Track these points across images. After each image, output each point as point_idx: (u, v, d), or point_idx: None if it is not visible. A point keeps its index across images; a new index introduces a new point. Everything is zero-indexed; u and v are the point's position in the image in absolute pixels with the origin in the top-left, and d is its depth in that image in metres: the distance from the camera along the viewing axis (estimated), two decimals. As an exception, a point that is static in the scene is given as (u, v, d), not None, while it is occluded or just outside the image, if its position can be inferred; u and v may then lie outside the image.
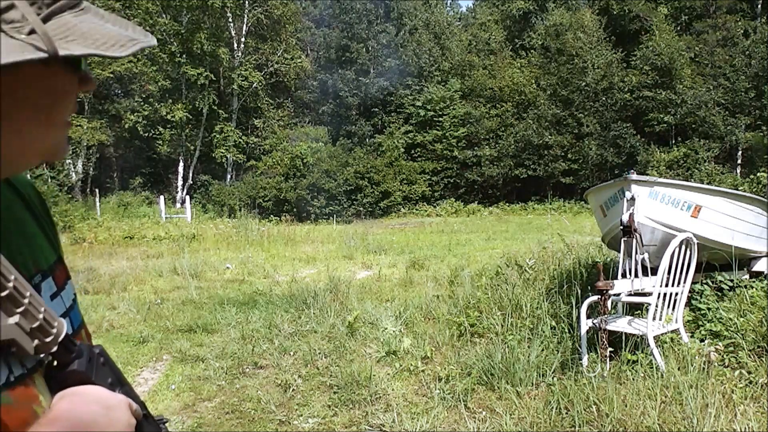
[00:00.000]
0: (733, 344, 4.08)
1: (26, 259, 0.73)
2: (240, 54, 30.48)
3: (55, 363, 0.67)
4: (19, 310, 0.58)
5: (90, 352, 0.70)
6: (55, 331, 0.64)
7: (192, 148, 29.82)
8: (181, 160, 29.59)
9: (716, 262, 5.03)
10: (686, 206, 4.42)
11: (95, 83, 0.73)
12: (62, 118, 0.68)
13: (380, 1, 33.03)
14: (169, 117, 27.79)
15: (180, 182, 29.41)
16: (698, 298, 4.70)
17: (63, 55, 0.57)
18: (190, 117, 29.09)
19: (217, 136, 29.27)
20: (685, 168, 24.87)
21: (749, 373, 3.77)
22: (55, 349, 0.65)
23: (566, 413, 3.53)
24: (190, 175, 29.86)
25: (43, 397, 0.66)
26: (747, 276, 5.14)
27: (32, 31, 0.57)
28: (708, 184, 16.11)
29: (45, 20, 0.58)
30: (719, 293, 4.75)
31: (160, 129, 28.48)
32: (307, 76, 33.28)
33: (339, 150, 27.98)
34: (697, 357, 3.85)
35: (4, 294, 0.56)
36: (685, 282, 4.15)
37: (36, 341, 0.62)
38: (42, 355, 0.65)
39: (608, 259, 6.42)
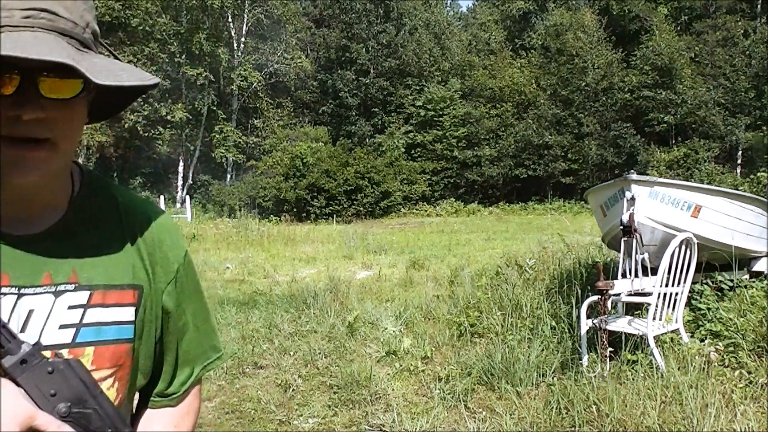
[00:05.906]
0: (733, 344, 4.07)
1: None
2: (240, 54, 30.47)
3: None
4: None
5: (29, 355, 0.65)
6: None
7: (192, 148, 29.82)
8: (181, 160, 29.58)
9: (716, 262, 5.02)
10: (686, 206, 4.42)
11: None
12: None
13: (380, 1, 32.99)
14: (169, 117, 27.79)
15: (180, 182, 29.41)
16: (698, 298, 4.69)
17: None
18: (190, 117, 29.08)
19: (217, 136, 29.27)
20: (685, 168, 24.87)
21: (749, 373, 3.77)
22: None
23: (566, 413, 3.53)
24: (190, 175, 29.85)
25: None
26: (747, 276, 5.14)
27: None
28: (708, 184, 16.09)
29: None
30: (719, 293, 4.75)
31: (160, 129, 28.48)
32: (307, 76, 33.25)
33: (339, 150, 27.93)
34: (697, 357, 3.84)
35: None
36: (685, 282, 4.15)
37: None
38: None
39: (608, 259, 6.42)
